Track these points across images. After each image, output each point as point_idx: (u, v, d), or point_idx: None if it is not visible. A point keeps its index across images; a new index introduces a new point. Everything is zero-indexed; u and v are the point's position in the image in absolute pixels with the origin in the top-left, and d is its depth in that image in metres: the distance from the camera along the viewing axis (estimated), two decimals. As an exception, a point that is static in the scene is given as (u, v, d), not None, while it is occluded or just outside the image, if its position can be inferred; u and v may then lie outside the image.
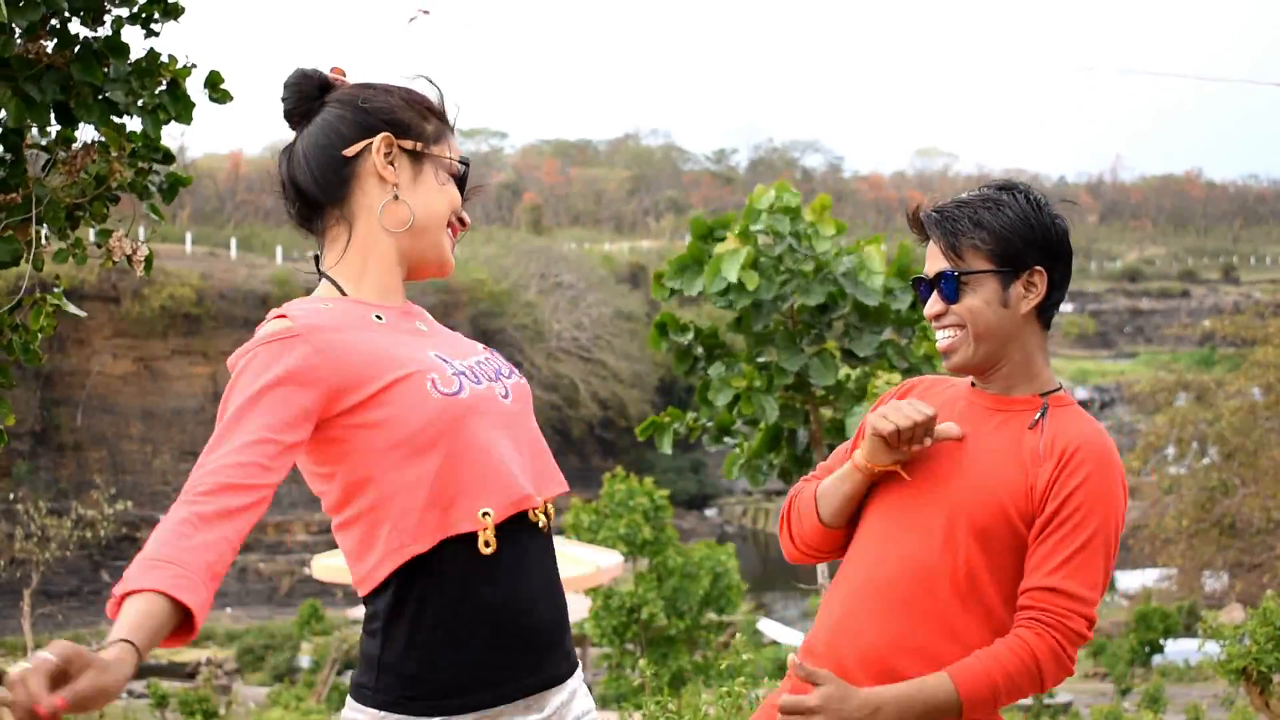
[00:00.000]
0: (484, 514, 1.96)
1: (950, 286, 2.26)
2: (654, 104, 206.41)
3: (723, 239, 8.49)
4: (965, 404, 2.32)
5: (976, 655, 2.14)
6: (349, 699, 2.01)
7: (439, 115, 2.17)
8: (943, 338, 2.30)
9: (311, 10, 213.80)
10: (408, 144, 2.10)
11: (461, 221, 2.18)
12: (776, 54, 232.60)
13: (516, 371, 2.20)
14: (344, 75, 2.18)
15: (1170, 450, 29.03)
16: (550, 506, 2.10)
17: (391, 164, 2.09)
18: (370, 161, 2.08)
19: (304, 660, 27.68)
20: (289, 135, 2.17)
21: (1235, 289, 74.19)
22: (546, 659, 2.03)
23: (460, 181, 2.18)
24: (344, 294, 2.09)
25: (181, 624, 1.70)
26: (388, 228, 2.09)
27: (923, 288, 2.33)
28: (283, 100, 2.15)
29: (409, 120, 2.11)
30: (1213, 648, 5.43)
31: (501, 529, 1.98)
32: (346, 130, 2.09)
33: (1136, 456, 30.21)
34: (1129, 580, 36.80)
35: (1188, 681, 23.17)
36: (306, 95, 2.14)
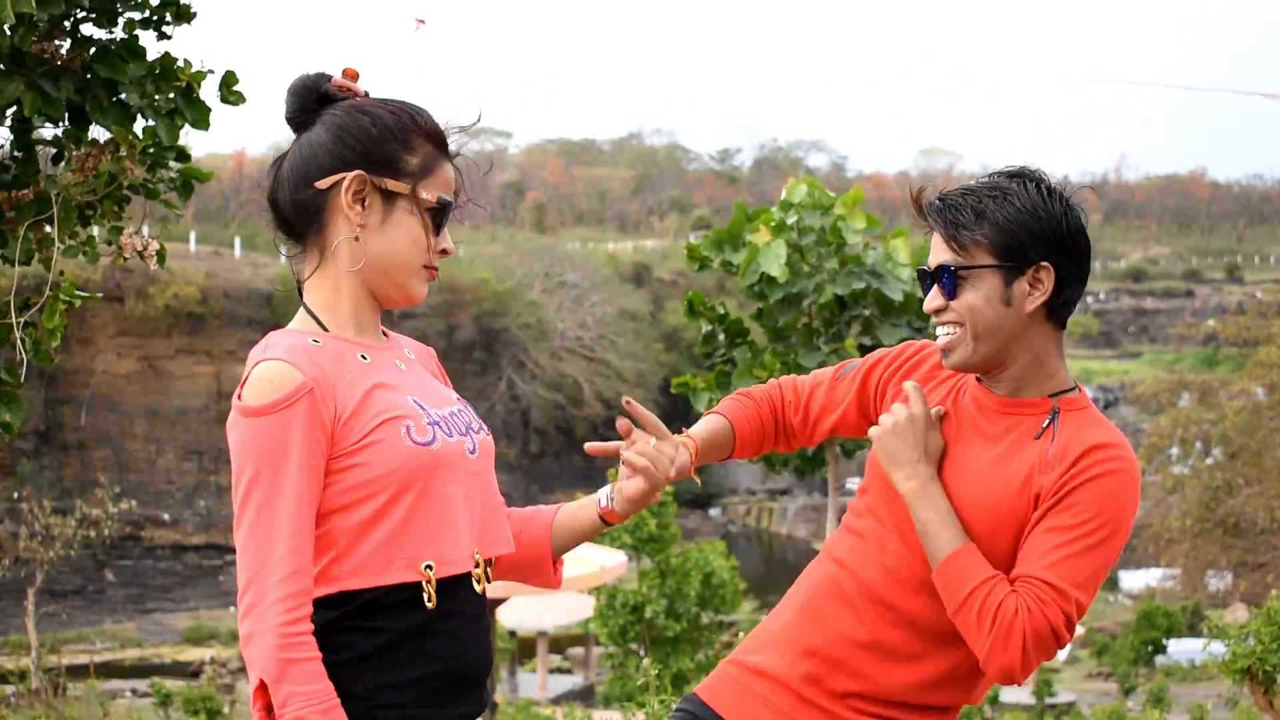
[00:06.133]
0: (426, 567, 1.95)
1: (949, 281, 2.12)
2: (658, 103, 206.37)
3: (755, 230, 8.75)
4: (972, 401, 2.21)
5: (984, 563, 2.06)
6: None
7: (434, 143, 2.05)
8: (942, 335, 2.17)
9: (316, 8, 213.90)
10: (383, 183, 2.00)
11: (444, 252, 2.07)
12: (780, 53, 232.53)
13: (485, 427, 2.16)
14: (356, 78, 2.07)
15: (1174, 450, 28.99)
16: (489, 568, 2.08)
17: (363, 202, 2.00)
18: (341, 197, 2.00)
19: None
20: (293, 137, 2.13)
21: (1239, 289, 74.06)
22: (467, 699, 2.02)
23: (443, 211, 2.05)
24: (324, 328, 2.03)
25: None
26: (344, 266, 2.02)
27: (925, 280, 2.20)
28: (286, 105, 2.09)
29: (390, 155, 2.00)
30: (1218, 647, 5.42)
31: (442, 585, 1.97)
32: (325, 160, 2.00)
33: (1140, 456, 30.20)
34: (1132, 580, 36.78)
35: (1191, 681, 23.17)
36: (304, 106, 2.06)
